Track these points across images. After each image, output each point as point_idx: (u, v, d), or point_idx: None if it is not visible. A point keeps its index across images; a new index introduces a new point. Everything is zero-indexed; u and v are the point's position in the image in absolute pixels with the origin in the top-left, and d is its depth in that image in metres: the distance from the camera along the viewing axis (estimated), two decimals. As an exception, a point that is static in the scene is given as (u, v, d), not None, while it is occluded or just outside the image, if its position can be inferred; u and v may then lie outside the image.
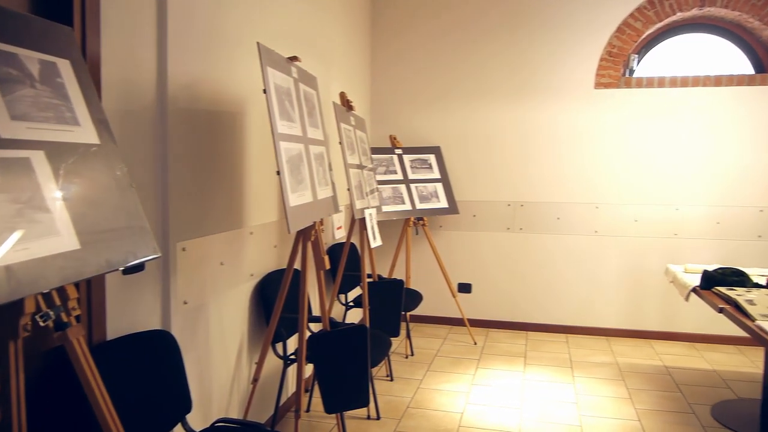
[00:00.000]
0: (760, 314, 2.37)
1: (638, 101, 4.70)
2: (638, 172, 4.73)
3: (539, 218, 4.89)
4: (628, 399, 3.58)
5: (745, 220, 4.59)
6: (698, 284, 3.06)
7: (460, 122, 4.99)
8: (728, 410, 3.42)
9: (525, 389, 3.71)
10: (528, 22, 4.81)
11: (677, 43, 4.93)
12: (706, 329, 4.67)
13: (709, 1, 4.55)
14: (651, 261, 4.71)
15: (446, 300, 4.87)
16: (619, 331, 4.83)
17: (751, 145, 4.56)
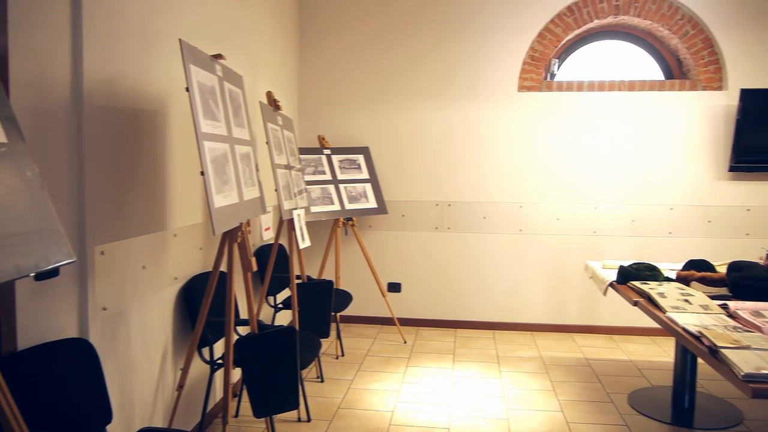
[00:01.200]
0: (671, 306, 2.51)
1: (559, 104, 4.88)
2: (560, 172, 4.91)
3: (466, 217, 5.00)
4: (551, 391, 3.71)
5: (658, 217, 4.85)
6: (615, 279, 3.20)
7: (388, 123, 5.03)
8: (643, 397, 3.61)
9: (454, 386, 3.78)
10: (454, 26, 4.90)
11: (595, 49, 5.16)
12: (622, 322, 4.90)
13: (623, 10, 4.78)
14: (572, 258, 4.90)
15: (376, 300, 4.89)
16: (543, 326, 5.00)
17: (662, 147, 4.82)
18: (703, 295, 2.69)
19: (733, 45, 4.71)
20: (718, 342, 1.94)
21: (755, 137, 4.64)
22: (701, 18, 4.71)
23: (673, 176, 4.83)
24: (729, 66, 4.72)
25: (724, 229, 4.79)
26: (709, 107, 4.77)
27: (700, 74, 4.80)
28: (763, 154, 4.68)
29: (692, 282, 3.01)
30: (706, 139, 4.78)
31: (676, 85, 4.84)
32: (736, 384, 1.77)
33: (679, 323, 2.28)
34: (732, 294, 2.80)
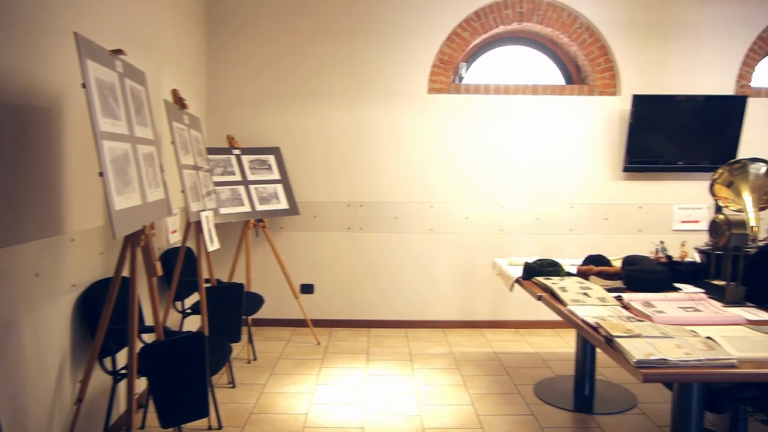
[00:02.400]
0: (571, 299, 2.64)
1: (467, 106, 5.02)
2: (468, 173, 5.05)
3: (378, 218, 5.04)
4: (462, 385, 3.81)
5: (559, 216, 5.09)
6: (520, 275, 3.33)
7: (300, 123, 4.98)
8: (548, 387, 3.78)
9: (368, 385, 3.80)
10: (366, 27, 4.93)
11: (501, 54, 5.34)
12: (529, 316, 5.10)
13: (526, 17, 4.98)
14: (480, 255, 5.05)
15: (289, 301, 4.83)
16: (454, 323, 5.12)
17: (563, 149, 5.07)
18: (601, 288, 2.84)
19: (626, 54, 5.02)
20: (613, 332, 2.06)
21: (646, 140, 4.97)
22: (597, 28, 4.99)
23: (574, 176, 5.09)
24: (622, 73, 5.03)
25: (620, 225, 5.10)
26: (605, 111, 5.06)
27: (597, 80, 5.08)
28: (653, 156, 5.02)
29: (591, 276, 3.18)
30: (603, 142, 5.07)
31: (575, 90, 5.10)
32: (630, 370, 1.88)
33: (578, 315, 2.40)
34: (626, 286, 2.99)
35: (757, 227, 2.78)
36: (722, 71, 5.09)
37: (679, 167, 5.05)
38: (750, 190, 2.85)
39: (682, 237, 4.28)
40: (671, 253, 3.36)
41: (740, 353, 1.93)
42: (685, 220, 5.11)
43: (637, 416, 3.36)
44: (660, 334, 2.07)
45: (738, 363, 1.88)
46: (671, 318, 2.35)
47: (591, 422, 3.30)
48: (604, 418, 3.34)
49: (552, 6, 4.96)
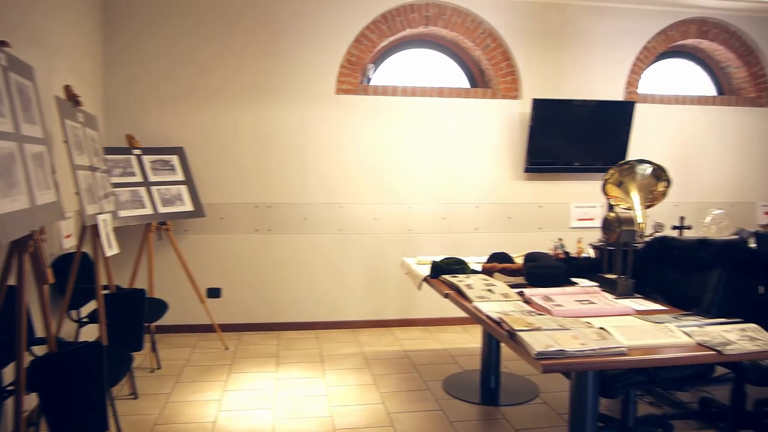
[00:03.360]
0: (476, 296, 2.72)
1: (375, 107, 5.06)
2: (377, 174, 5.09)
3: (287, 219, 4.98)
4: (373, 385, 3.83)
5: (465, 215, 5.24)
6: (428, 274, 3.40)
7: (205, 122, 4.84)
8: (456, 382, 3.88)
9: (278, 389, 3.74)
10: (273, 26, 4.85)
11: (408, 56, 5.43)
12: (437, 313, 5.21)
13: (432, 21, 5.08)
14: (390, 255, 5.10)
15: (194, 307, 4.68)
16: (364, 323, 5.15)
17: (469, 150, 5.22)
18: (504, 285, 2.95)
19: (527, 59, 5.25)
20: (515, 326, 2.15)
21: (545, 142, 5.21)
22: (500, 33, 5.18)
23: (479, 177, 5.25)
24: (523, 77, 5.24)
25: (522, 224, 5.32)
26: (507, 114, 5.26)
27: (500, 84, 5.27)
28: (552, 157, 5.27)
29: (495, 273, 3.29)
30: (506, 143, 5.27)
31: (479, 93, 5.27)
32: (531, 362, 1.97)
33: (483, 311, 2.48)
34: (528, 282, 3.11)
35: (644, 224, 2.98)
36: (613, 78, 5.43)
37: (575, 168, 5.33)
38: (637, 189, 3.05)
39: (579, 234, 4.51)
40: (569, 249, 3.54)
41: (630, 341, 2.06)
42: (581, 218, 5.41)
43: (540, 405, 3.52)
44: (558, 327, 2.17)
45: (628, 351, 2.01)
46: (568, 311, 2.47)
47: (497, 413, 3.42)
48: (509, 409, 3.47)
49: (457, 11, 5.10)
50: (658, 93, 5.63)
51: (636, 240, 2.89)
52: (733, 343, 2.07)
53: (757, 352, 2.06)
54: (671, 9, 5.45)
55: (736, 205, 5.70)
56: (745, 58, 5.75)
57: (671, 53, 5.84)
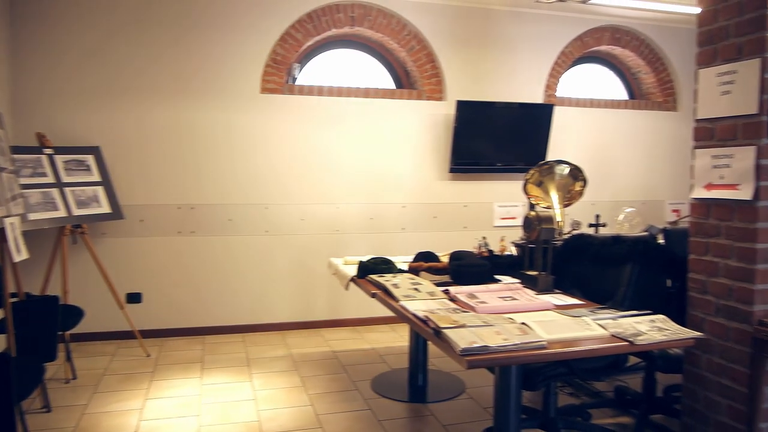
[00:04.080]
0: (403, 295, 2.75)
1: (301, 107, 5.02)
2: (304, 174, 5.05)
3: (211, 220, 4.86)
4: (301, 387, 3.80)
5: (392, 215, 5.28)
6: (355, 274, 3.40)
7: (123, 121, 4.65)
8: (384, 381, 3.90)
9: (203, 395, 3.64)
10: (197, 23, 4.72)
11: (334, 56, 5.41)
12: (365, 313, 5.23)
13: (358, 22, 5.09)
14: (317, 256, 5.07)
15: (113, 313, 4.48)
16: (293, 324, 5.10)
17: (395, 151, 5.26)
18: (430, 283, 2.99)
19: (451, 61, 5.35)
20: (440, 324, 2.18)
21: (469, 143, 5.33)
22: (424, 36, 5.25)
23: (406, 177, 5.31)
24: (447, 79, 5.34)
25: (447, 223, 5.42)
26: (433, 115, 5.34)
27: (425, 85, 5.35)
28: (476, 158, 5.40)
29: (421, 272, 3.33)
30: (431, 144, 5.35)
31: (405, 94, 5.32)
32: (456, 359, 2.00)
33: (410, 310, 2.51)
34: (453, 280, 3.17)
35: (563, 222, 3.09)
36: (533, 81, 5.62)
37: (498, 168, 5.48)
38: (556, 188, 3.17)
39: (502, 232, 4.65)
40: (492, 247, 3.64)
41: (549, 335, 2.14)
42: (504, 217, 5.56)
43: (466, 400, 3.59)
44: (482, 323, 2.22)
45: (548, 344, 2.08)
46: (492, 307, 2.54)
47: (425, 410, 3.47)
48: (437, 406, 3.52)
49: (382, 12, 5.13)
50: (574, 96, 5.88)
51: (555, 238, 3.00)
52: (643, 334, 2.18)
53: (665, 341, 2.19)
54: (586, 16, 5.69)
55: (647, 203, 6.02)
56: (653, 64, 6.09)
57: (587, 59, 6.10)
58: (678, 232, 3.30)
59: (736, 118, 2.49)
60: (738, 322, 2.49)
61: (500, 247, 3.69)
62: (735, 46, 2.50)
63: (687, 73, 6.01)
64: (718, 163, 2.59)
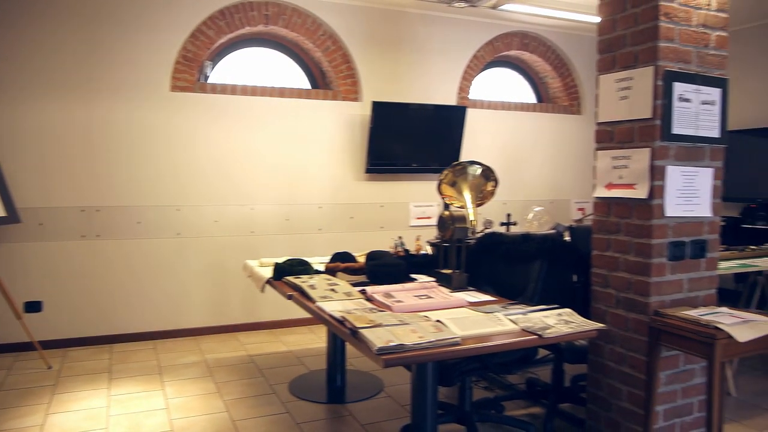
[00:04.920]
0: (320, 296, 2.73)
1: (214, 106, 4.89)
2: (217, 174, 4.92)
3: (118, 223, 4.64)
4: (216, 393, 3.70)
5: (309, 215, 5.25)
6: (271, 276, 3.35)
7: (20, 118, 4.35)
8: (302, 384, 3.86)
9: (111, 407, 3.47)
10: (101, 16, 4.49)
11: (249, 54, 5.31)
12: (282, 315, 5.16)
13: (272, 20, 5.02)
14: (232, 258, 4.96)
15: (9, 323, 4.19)
16: (207, 329, 4.96)
17: (311, 151, 5.23)
18: (347, 284, 2.99)
19: (366, 62, 5.37)
20: (357, 324, 2.19)
21: (385, 143, 5.38)
22: (340, 36, 5.25)
23: (321, 177, 5.28)
24: (363, 80, 5.37)
25: (364, 223, 5.44)
26: (348, 116, 5.35)
27: (341, 86, 5.34)
28: (392, 158, 5.46)
29: (338, 272, 3.33)
30: (347, 144, 5.35)
31: (320, 95, 5.30)
32: (373, 358, 2.01)
33: (326, 311, 2.50)
34: (369, 280, 3.19)
35: (476, 221, 3.18)
36: (447, 83, 5.75)
37: (413, 169, 5.56)
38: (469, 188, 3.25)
39: (417, 232, 4.71)
40: (408, 247, 3.69)
41: (463, 332, 2.19)
42: (420, 217, 5.66)
43: (384, 399, 3.62)
44: (398, 322, 2.25)
45: (462, 340, 2.13)
46: (408, 306, 2.57)
47: (343, 411, 3.46)
48: (355, 405, 3.53)
49: (297, 11, 5.09)
50: (486, 99, 6.06)
51: (468, 236, 3.07)
52: (551, 327, 2.28)
53: (571, 333, 2.30)
54: (497, 22, 5.88)
55: (555, 203, 6.30)
56: (559, 70, 6.37)
57: (498, 63, 6.31)
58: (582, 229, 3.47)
59: (633, 122, 2.65)
60: (636, 313, 2.65)
61: (416, 246, 3.75)
62: (631, 54, 2.66)
63: (590, 79, 6.34)
64: (617, 164, 2.74)
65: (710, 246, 2.75)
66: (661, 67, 2.53)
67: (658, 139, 2.55)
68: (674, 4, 2.56)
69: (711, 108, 2.67)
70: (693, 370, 2.73)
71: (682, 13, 2.58)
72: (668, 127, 2.55)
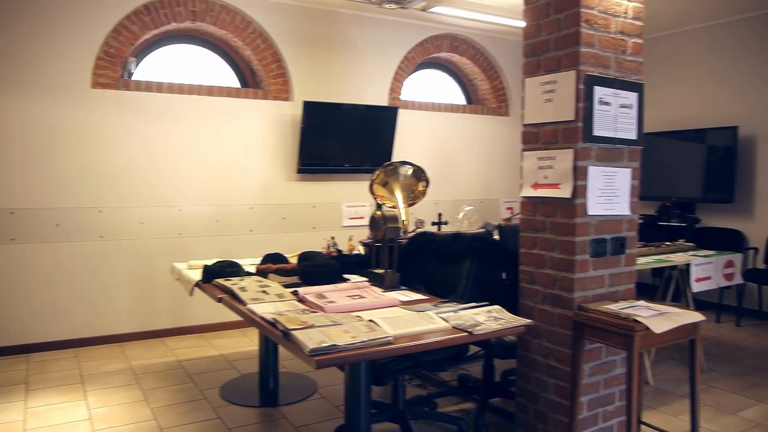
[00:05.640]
0: (251, 298, 2.69)
1: (139, 104, 4.72)
2: (142, 175, 4.76)
3: (35, 226, 4.41)
4: (143, 401, 3.58)
5: (239, 216, 5.15)
6: (200, 279, 3.27)
7: None
8: (234, 388, 3.79)
9: (28, 420, 3.29)
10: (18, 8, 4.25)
11: (175, 51, 5.16)
12: (213, 319, 5.05)
13: (200, 17, 4.90)
14: (159, 261, 4.81)
15: None
16: (133, 335, 4.78)
17: (242, 151, 5.14)
18: (279, 285, 2.96)
19: (297, 61, 5.33)
20: (289, 325, 2.16)
21: (317, 143, 5.35)
22: (270, 35, 5.19)
23: (252, 178, 5.20)
24: (294, 80, 5.32)
25: (296, 224, 5.39)
26: (280, 115, 5.28)
27: (271, 85, 5.28)
28: (324, 158, 5.44)
29: (269, 274, 3.28)
30: (279, 144, 5.29)
31: (250, 93, 5.21)
32: (305, 359, 2.00)
33: (257, 313, 2.46)
34: (302, 281, 3.16)
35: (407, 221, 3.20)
36: (379, 84, 5.78)
37: (345, 169, 5.56)
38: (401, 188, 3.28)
39: (350, 232, 4.73)
40: (341, 247, 3.68)
41: (395, 331, 2.21)
42: (352, 217, 5.66)
43: (318, 400, 3.60)
44: (330, 323, 2.24)
45: (394, 339, 2.14)
46: (340, 306, 2.56)
47: (276, 414, 3.42)
48: (288, 408, 3.49)
49: (225, 9, 4.99)
50: (417, 100, 6.13)
51: (400, 236, 3.10)
52: (481, 324, 2.33)
53: (501, 329, 2.35)
54: (427, 24, 5.96)
55: (485, 202, 6.45)
56: (488, 72, 6.53)
57: (429, 64, 6.40)
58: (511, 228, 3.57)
59: (557, 124, 2.75)
60: (561, 309, 2.74)
61: (349, 246, 3.75)
62: (555, 58, 2.76)
63: (517, 82, 6.52)
64: (542, 164, 2.83)
65: (629, 243, 2.88)
66: (583, 71, 2.63)
67: (581, 141, 2.65)
68: (594, 12, 2.66)
69: (628, 111, 2.80)
70: (614, 361, 2.85)
71: (602, 20, 2.69)
72: (590, 129, 2.65)
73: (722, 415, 3.39)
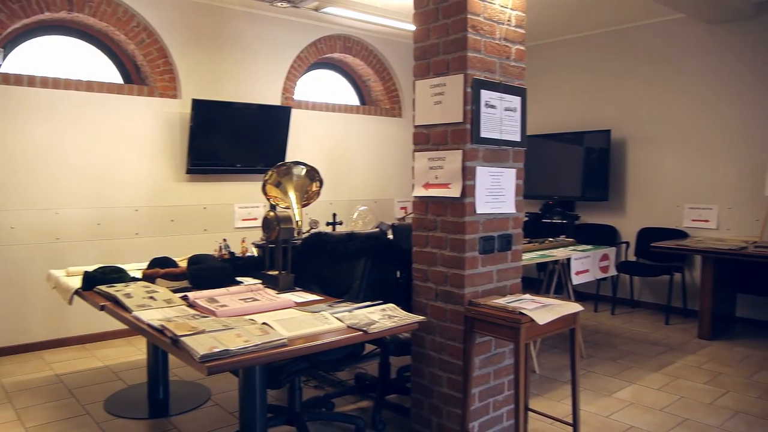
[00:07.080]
0: (137, 305, 2.55)
1: (7, 99, 4.35)
2: (12, 175, 4.39)
3: None
4: (17, 421, 3.30)
5: (124, 219, 4.88)
6: (80, 286, 3.07)
7: None
8: (120, 400, 3.59)
9: None
10: None
11: (50, 43, 4.80)
12: (96, 328, 4.75)
13: (77, 7, 4.60)
14: (33, 269, 4.46)
15: None
16: (3, 349, 4.40)
17: (126, 150, 4.87)
18: (167, 290, 2.83)
19: (186, 58, 5.13)
20: (178, 332, 2.08)
21: (206, 143, 5.18)
22: (156, 29, 4.96)
23: (137, 178, 4.95)
24: (182, 77, 5.12)
25: (186, 226, 5.19)
26: (167, 113, 5.07)
27: (157, 82, 5.05)
28: (215, 158, 5.27)
29: (157, 279, 3.13)
30: (166, 143, 5.07)
31: (134, 90, 4.96)
32: (196, 366, 1.93)
33: (144, 320, 2.34)
34: (192, 285, 3.05)
35: (301, 221, 3.19)
36: (271, 83, 5.69)
37: (237, 169, 5.43)
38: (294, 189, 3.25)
39: (243, 234, 4.62)
40: (234, 249, 3.59)
41: (290, 333, 2.18)
42: (245, 218, 5.53)
43: (212, 408, 3.49)
44: (222, 327, 2.18)
45: (289, 341, 2.12)
46: (233, 310, 2.50)
47: (167, 425, 3.28)
48: (180, 418, 3.36)
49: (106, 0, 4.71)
50: (311, 100, 6.10)
51: (294, 237, 3.07)
52: (376, 323, 2.36)
53: (395, 327, 2.39)
54: (320, 24, 5.94)
55: (379, 202, 6.53)
56: (380, 73, 6.61)
57: (322, 65, 6.38)
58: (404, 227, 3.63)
59: (447, 126, 2.83)
60: (453, 304, 2.83)
61: (242, 248, 3.66)
62: (444, 62, 2.84)
63: (409, 83, 6.66)
64: (433, 165, 2.91)
65: (515, 239, 3.03)
66: (470, 75, 2.73)
67: (469, 142, 2.74)
68: (480, 18, 2.77)
69: (513, 114, 2.94)
70: (503, 353, 2.98)
71: (487, 26, 2.81)
72: (477, 131, 2.76)
73: (600, 397, 3.65)
